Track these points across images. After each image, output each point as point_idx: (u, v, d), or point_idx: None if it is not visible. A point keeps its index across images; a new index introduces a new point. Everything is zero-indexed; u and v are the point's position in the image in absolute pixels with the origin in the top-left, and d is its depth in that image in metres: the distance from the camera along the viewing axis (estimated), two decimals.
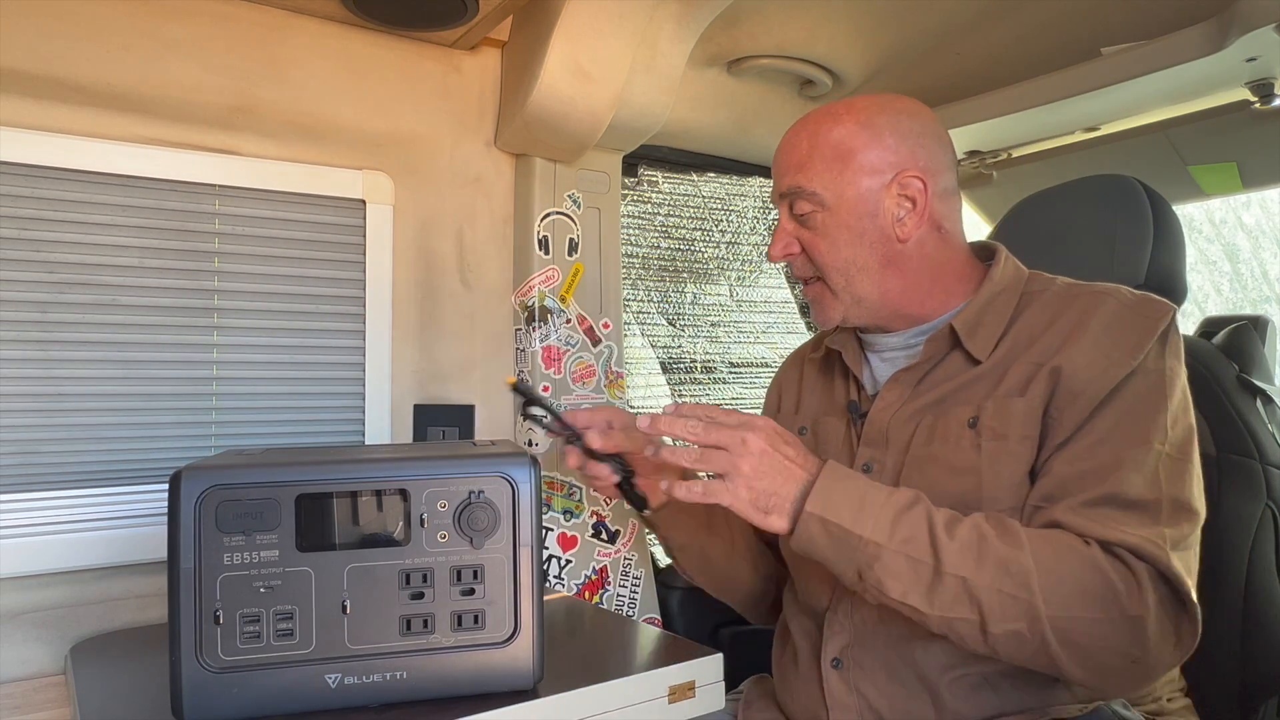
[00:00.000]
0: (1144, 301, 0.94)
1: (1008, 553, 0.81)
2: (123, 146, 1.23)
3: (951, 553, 0.82)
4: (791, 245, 1.04)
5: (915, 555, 0.82)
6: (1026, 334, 0.96)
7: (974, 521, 0.84)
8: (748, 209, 2.06)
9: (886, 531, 0.83)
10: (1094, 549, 0.82)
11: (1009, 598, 0.80)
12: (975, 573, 0.81)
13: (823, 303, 1.05)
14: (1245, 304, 5.10)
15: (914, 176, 0.99)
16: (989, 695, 0.91)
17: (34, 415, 1.19)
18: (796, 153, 1.02)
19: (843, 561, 0.85)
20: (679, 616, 1.60)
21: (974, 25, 1.52)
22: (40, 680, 1.13)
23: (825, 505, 0.84)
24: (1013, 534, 0.83)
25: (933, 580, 0.82)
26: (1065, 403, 0.89)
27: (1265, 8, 1.24)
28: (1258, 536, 1.14)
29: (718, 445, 0.86)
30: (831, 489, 0.85)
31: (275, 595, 0.78)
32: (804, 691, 1.02)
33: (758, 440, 0.86)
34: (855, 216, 1.00)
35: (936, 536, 0.83)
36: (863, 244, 1.01)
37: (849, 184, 1.00)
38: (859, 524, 0.83)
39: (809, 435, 1.13)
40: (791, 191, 1.02)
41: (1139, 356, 0.89)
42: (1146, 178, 1.27)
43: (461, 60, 1.47)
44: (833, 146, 1.00)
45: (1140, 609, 0.79)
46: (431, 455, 0.84)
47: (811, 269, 1.04)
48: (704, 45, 1.57)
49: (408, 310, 1.46)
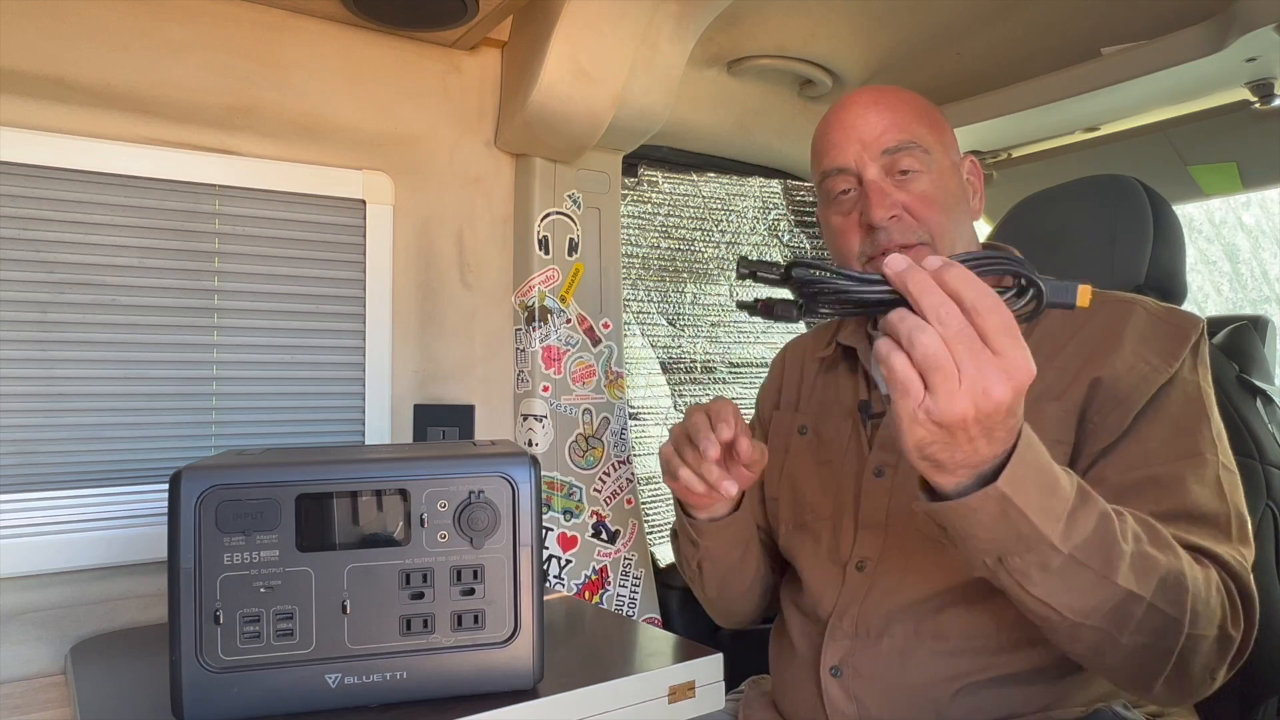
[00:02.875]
0: (1171, 311, 0.94)
1: (1170, 564, 0.74)
2: (123, 146, 1.23)
3: (1124, 563, 0.72)
4: (896, 206, 0.97)
5: (1084, 560, 0.71)
6: (1050, 339, 0.95)
7: (1131, 525, 0.75)
8: (748, 209, 2.06)
9: (1061, 530, 0.70)
10: (1210, 566, 0.80)
11: (1163, 615, 0.74)
12: (1142, 586, 0.73)
13: None
14: (1245, 304, 5.10)
15: (971, 159, 1.02)
16: (991, 700, 0.90)
17: (34, 415, 1.19)
18: (892, 113, 0.98)
19: (991, 545, 0.71)
20: (679, 616, 1.60)
21: (974, 25, 1.52)
22: (40, 680, 1.13)
23: (1016, 487, 0.68)
24: (1166, 541, 0.76)
25: (1095, 587, 0.72)
26: (1107, 408, 0.88)
27: (1265, 8, 1.24)
28: (1258, 536, 1.13)
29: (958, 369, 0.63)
30: (1026, 465, 0.69)
31: (275, 595, 0.78)
32: (802, 698, 1.02)
33: (1006, 388, 0.63)
34: (955, 181, 1.00)
35: (1114, 544, 0.72)
36: (958, 210, 0.99)
37: (948, 147, 1.00)
38: (1043, 518, 0.69)
39: (809, 435, 1.11)
40: (901, 145, 0.96)
41: (1175, 365, 0.89)
42: (1146, 178, 1.27)
43: (461, 60, 1.47)
44: (925, 111, 1.00)
45: (1236, 629, 0.79)
46: (431, 455, 0.84)
47: (916, 233, 0.97)
48: (704, 45, 1.57)
49: (408, 310, 1.46)
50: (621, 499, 1.60)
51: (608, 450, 1.59)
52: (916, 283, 0.64)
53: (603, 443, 1.59)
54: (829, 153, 1.01)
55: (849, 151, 0.99)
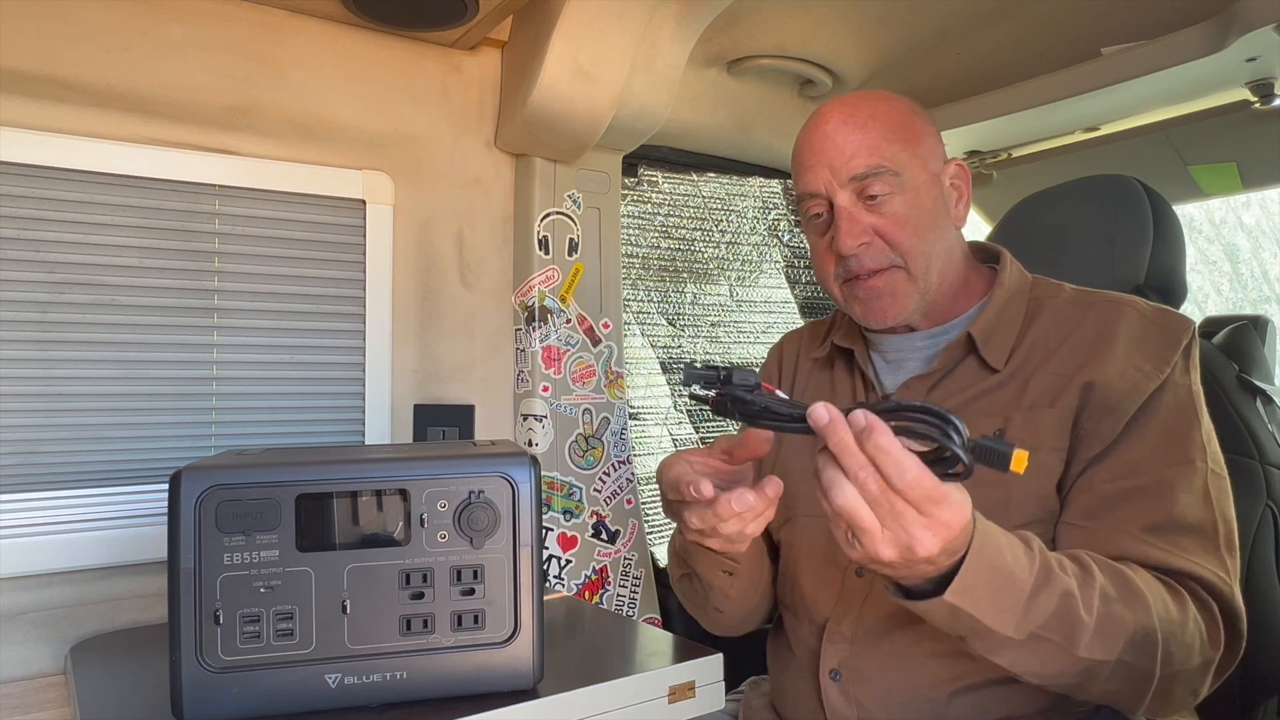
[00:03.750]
0: (1163, 313, 0.94)
1: (1139, 622, 0.76)
2: (123, 146, 1.23)
3: (1087, 635, 0.75)
4: (865, 233, 0.96)
5: (1047, 636, 0.74)
6: (1042, 343, 0.95)
7: (1100, 585, 0.77)
8: (748, 209, 2.06)
9: (1017, 621, 0.73)
10: (1187, 600, 0.81)
11: (1132, 667, 0.77)
12: (1106, 652, 0.76)
13: (897, 294, 0.97)
14: (1245, 304, 5.10)
15: (958, 164, 1.00)
16: (991, 701, 0.90)
17: (34, 415, 1.19)
18: (861, 134, 0.95)
19: (951, 631, 0.76)
20: (679, 616, 1.60)
21: (974, 25, 1.52)
22: (40, 680, 1.13)
23: (964, 596, 0.71)
24: (1137, 595, 0.78)
25: (1057, 657, 0.75)
26: (1099, 415, 0.88)
27: (1265, 8, 1.24)
28: (1258, 536, 1.14)
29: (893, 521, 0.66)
30: (975, 574, 0.70)
31: (275, 595, 0.78)
32: (801, 701, 1.01)
33: (934, 542, 0.66)
34: (930, 197, 0.97)
35: (1075, 619, 0.74)
36: (936, 226, 0.97)
37: (922, 163, 0.97)
38: (995, 616, 0.72)
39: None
40: (869, 172, 0.95)
41: (1166, 369, 0.89)
42: (1146, 178, 1.28)
43: (461, 60, 1.47)
44: (899, 125, 0.97)
45: (1215, 650, 0.81)
46: (431, 455, 0.84)
47: (888, 256, 0.96)
48: (704, 45, 1.57)
49: (408, 310, 1.46)
50: (621, 499, 1.60)
51: (608, 450, 1.59)
52: (836, 443, 0.65)
53: (603, 443, 1.59)
54: (802, 175, 1.00)
55: (819, 176, 0.97)
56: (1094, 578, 0.77)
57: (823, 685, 0.97)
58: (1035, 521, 0.89)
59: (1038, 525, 0.88)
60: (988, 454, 0.62)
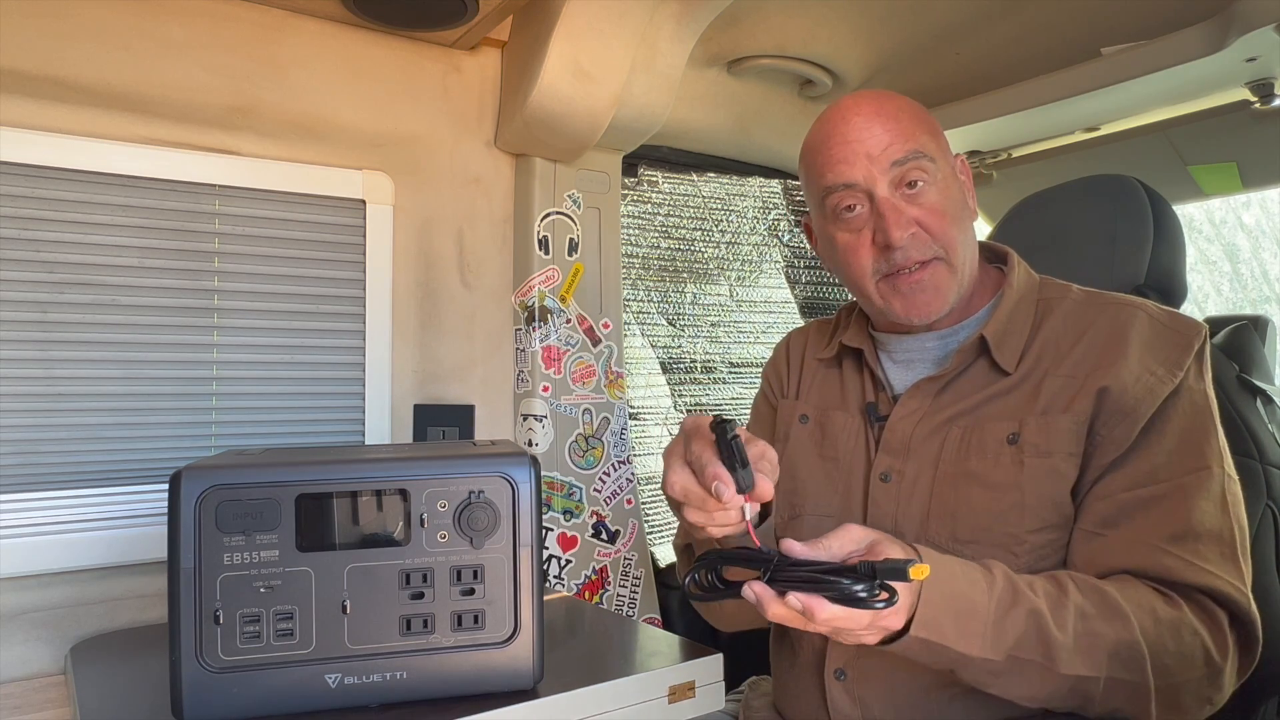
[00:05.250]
0: (1173, 317, 0.94)
1: (1119, 636, 0.79)
2: (123, 146, 1.23)
3: (1065, 652, 0.78)
4: (910, 224, 0.93)
5: (1026, 657, 0.78)
6: (1054, 346, 0.94)
7: (1076, 604, 0.80)
8: (748, 209, 2.06)
9: (990, 643, 0.78)
10: (1184, 609, 0.82)
11: (1123, 683, 0.79)
12: (1090, 667, 0.78)
13: (940, 287, 0.95)
14: (1245, 304, 5.09)
15: (962, 159, 1.01)
16: (995, 702, 0.89)
17: (34, 415, 1.19)
18: (895, 122, 0.94)
19: (938, 666, 0.81)
20: (679, 616, 1.60)
21: (974, 25, 1.52)
22: (40, 680, 1.13)
23: (929, 629, 0.77)
24: (1116, 610, 0.80)
25: (1042, 679, 0.79)
26: (1114, 420, 0.88)
27: (1265, 8, 1.24)
28: (1258, 536, 1.14)
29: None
30: (933, 606, 0.77)
31: (275, 595, 0.78)
32: (805, 701, 1.01)
33: (881, 634, 0.77)
34: (956, 188, 0.97)
35: (1049, 637, 0.78)
36: (964, 218, 0.97)
37: (946, 153, 0.98)
38: (964, 640, 0.77)
39: (811, 425, 1.08)
40: (909, 157, 0.93)
41: (1180, 374, 0.88)
42: (1146, 178, 1.27)
43: (461, 60, 1.47)
44: (923, 117, 0.97)
45: (1224, 658, 0.81)
46: (431, 455, 0.84)
47: (931, 248, 0.94)
48: (704, 45, 1.58)
49: (408, 310, 1.46)
50: (621, 499, 1.60)
51: (608, 450, 1.59)
52: (773, 616, 0.75)
53: (603, 443, 1.59)
54: (834, 167, 0.95)
55: (857, 167, 0.94)
56: (1068, 596, 0.81)
57: (827, 685, 0.97)
58: (1049, 527, 0.88)
59: (1051, 531, 0.88)
60: (892, 574, 0.71)
